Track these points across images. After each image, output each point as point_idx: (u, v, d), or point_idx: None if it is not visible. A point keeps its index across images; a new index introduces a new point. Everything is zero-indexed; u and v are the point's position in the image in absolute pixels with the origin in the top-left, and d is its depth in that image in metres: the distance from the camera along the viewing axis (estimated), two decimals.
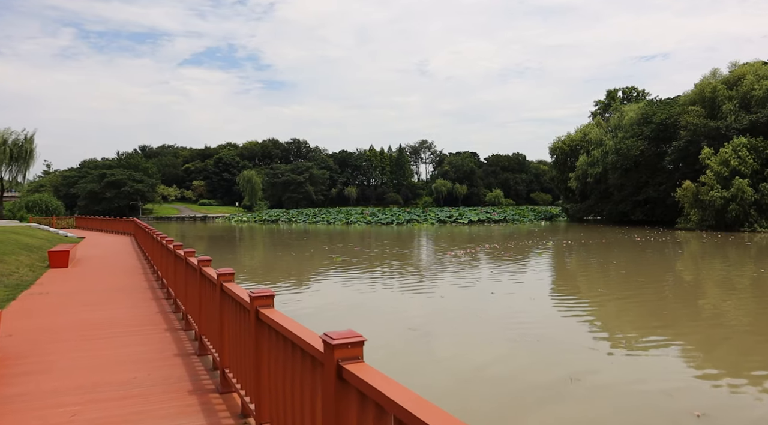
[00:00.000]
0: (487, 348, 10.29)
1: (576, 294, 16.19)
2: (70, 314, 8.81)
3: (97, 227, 40.35)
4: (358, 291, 16.89)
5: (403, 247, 32.81)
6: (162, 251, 11.74)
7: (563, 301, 15.11)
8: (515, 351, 9.97)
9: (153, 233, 14.87)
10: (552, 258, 26.19)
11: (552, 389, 7.91)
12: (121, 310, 9.10)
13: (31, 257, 17.18)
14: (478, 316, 13.10)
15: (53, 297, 10.53)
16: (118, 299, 10.21)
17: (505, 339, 10.90)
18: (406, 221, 68.36)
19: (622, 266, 22.88)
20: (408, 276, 19.83)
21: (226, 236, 49.95)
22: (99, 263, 17.42)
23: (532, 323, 12.14)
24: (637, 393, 7.80)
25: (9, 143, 43.92)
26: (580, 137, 74.19)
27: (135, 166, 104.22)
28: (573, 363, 9.22)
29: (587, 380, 8.34)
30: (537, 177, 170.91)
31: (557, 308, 14.09)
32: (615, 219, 63.81)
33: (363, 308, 14.47)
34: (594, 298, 15.59)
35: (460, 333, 11.37)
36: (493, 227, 58.02)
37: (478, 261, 24.46)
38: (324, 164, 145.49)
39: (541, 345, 10.28)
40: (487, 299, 15.22)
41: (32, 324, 8.12)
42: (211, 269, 5.62)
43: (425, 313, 13.64)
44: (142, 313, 8.84)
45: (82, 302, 9.90)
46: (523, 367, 9.06)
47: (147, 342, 6.90)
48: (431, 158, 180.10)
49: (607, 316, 13.30)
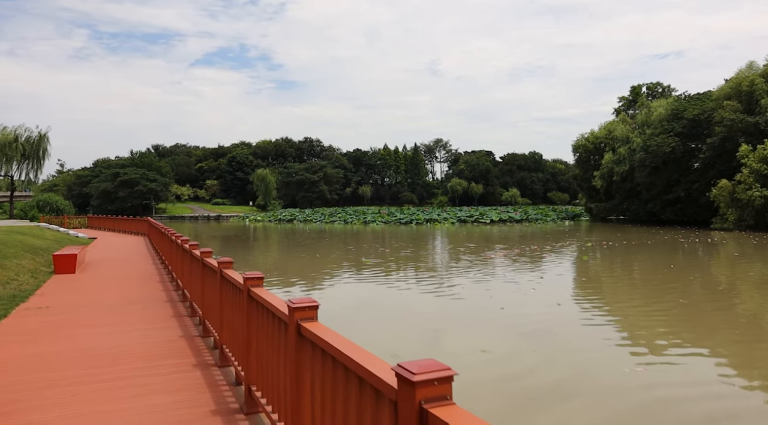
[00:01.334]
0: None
1: (659, 304, 14.22)
2: (72, 339, 7.02)
3: (110, 226, 38.84)
4: (410, 302, 15.02)
5: (434, 248, 30.95)
6: (181, 255, 10.00)
7: (653, 313, 13.16)
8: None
9: (170, 234, 13.15)
10: (605, 262, 24.11)
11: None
12: (135, 334, 7.30)
13: (35, 260, 15.49)
14: (562, 337, 11.20)
15: (53, 314, 8.76)
16: (132, 317, 8.43)
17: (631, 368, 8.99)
18: (426, 221, 66.42)
19: (685, 270, 20.85)
20: (459, 281, 17.92)
21: (242, 236, 48.31)
22: (110, 267, 15.70)
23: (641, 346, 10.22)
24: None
25: (21, 140, 42.33)
26: (604, 134, 71.85)
27: (148, 165, 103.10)
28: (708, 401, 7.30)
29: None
30: (554, 176, 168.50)
31: (655, 327, 12.15)
32: (642, 219, 61.47)
33: (427, 323, 12.61)
34: (688, 310, 13.62)
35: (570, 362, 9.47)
36: (516, 227, 55.94)
37: (525, 265, 22.52)
38: (338, 162, 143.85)
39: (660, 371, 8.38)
40: (565, 315, 13.31)
41: (22, 354, 6.34)
42: (267, 293, 3.86)
43: (508, 333, 11.76)
44: (163, 338, 7.03)
45: (87, 322, 8.10)
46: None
47: (172, 388, 5.08)
48: (446, 156, 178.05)
49: (710, 332, 11.35)
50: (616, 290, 16.91)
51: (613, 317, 12.72)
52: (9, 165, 43.34)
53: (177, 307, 9.28)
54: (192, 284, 7.50)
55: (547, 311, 13.30)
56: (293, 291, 16.40)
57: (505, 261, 23.48)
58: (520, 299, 14.85)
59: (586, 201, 75.15)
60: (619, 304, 14.50)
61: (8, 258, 14.33)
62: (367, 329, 11.41)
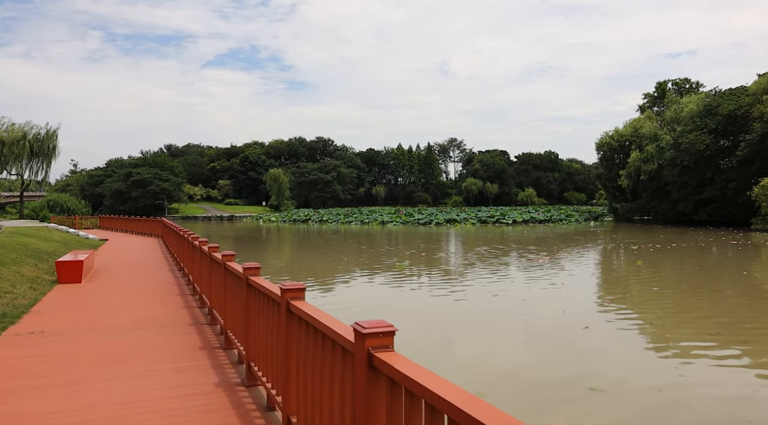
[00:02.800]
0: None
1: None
2: (68, 389, 5.06)
3: (122, 227, 37.12)
4: (471, 314, 13.01)
5: (468, 250, 28.90)
6: (208, 265, 8.06)
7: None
8: None
9: (189, 237, 11.27)
10: (667, 268, 21.91)
11: None
12: (154, 379, 5.30)
13: (37, 267, 13.63)
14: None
15: (47, 342, 6.80)
16: (149, 349, 6.46)
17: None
18: (445, 221, 64.34)
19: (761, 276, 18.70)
20: (529, 295, 15.88)
21: (258, 237, 46.52)
22: (122, 275, 13.79)
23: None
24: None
25: (29, 137, 40.64)
26: (630, 131, 69.44)
27: (161, 165, 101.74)
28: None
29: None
30: (570, 176, 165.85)
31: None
32: (671, 219, 59.04)
33: (510, 336, 10.61)
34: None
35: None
36: (541, 228, 53.68)
37: (581, 272, 20.43)
38: (351, 162, 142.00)
39: None
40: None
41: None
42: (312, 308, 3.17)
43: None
44: (193, 388, 5.05)
45: (89, 358, 6.11)
46: None
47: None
48: (460, 156, 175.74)
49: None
50: (714, 302, 14.77)
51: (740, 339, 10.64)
52: (18, 164, 41.69)
53: (205, 333, 7.31)
54: (248, 332, 5.59)
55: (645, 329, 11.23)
56: (334, 301, 14.41)
57: (554, 267, 21.38)
58: (605, 318, 12.79)
59: (611, 201, 72.78)
60: (726, 320, 12.39)
61: (6, 265, 12.48)
62: (455, 362, 9.41)
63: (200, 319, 8.24)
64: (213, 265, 7.50)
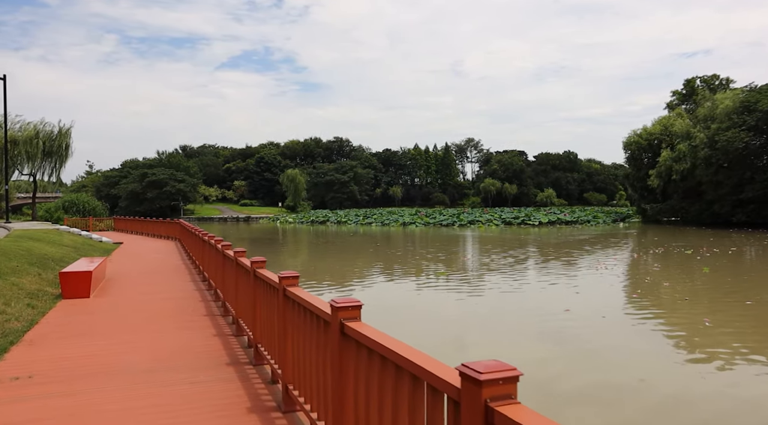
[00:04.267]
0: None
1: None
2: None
3: (138, 229, 35.53)
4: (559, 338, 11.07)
5: (514, 255, 26.83)
6: (243, 282, 6.26)
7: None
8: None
9: (215, 242, 9.49)
10: (743, 275, 19.71)
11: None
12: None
13: (41, 278, 11.86)
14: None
15: (33, 398, 4.85)
16: (177, 411, 4.58)
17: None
18: (469, 223, 62.23)
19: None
20: (594, 296, 13.89)
21: (278, 239, 44.79)
22: (137, 287, 11.96)
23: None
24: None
25: (41, 135, 39.17)
26: (659, 129, 66.87)
27: (176, 165, 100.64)
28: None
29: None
30: (589, 176, 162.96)
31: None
32: (705, 221, 56.50)
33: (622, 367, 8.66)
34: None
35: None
36: (571, 230, 51.39)
37: (652, 282, 18.34)
38: (367, 162, 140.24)
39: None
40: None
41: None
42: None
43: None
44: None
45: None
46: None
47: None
48: (477, 156, 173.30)
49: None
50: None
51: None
52: (32, 163, 40.23)
53: (249, 380, 5.41)
54: (287, 346, 3.90)
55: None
56: (392, 318, 12.53)
57: (619, 273, 19.31)
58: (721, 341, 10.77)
59: (639, 202, 70.18)
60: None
61: (4, 276, 10.71)
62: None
63: (239, 355, 6.34)
64: (259, 286, 5.64)
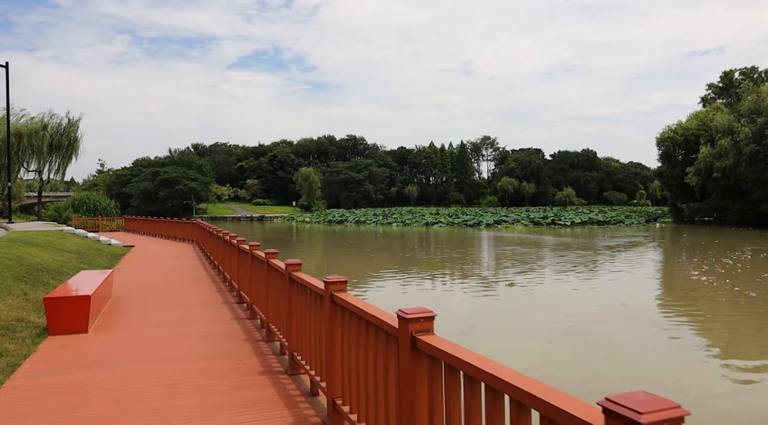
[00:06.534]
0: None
1: None
2: None
3: (151, 230, 32.72)
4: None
5: (583, 260, 23.77)
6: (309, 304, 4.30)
7: None
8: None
9: (253, 252, 6.83)
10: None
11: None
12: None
13: (26, 299, 8.95)
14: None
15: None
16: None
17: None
18: (495, 223, 59.08)
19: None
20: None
21: (300, 240, 41.93)
22: (154, 313, 8.93)
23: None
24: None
25: (49, 128, 36.34)
26: (696, 124, 63.43)
27: (188, 164, 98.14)
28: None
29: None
30: (608, 175, 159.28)
31: None
32: (748, 221, 53.21)
33: None
34: None
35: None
36: (610, 231, 48.05)
37: (752, 297, 15.23)
38: (382, 161, 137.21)
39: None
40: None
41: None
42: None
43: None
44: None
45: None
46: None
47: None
48: (493, 155, 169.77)
49: None
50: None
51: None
52: (38, 158, 37.42)
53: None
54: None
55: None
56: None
57: (733, 291, 16.21)
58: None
59: (673, 200, 66.73)
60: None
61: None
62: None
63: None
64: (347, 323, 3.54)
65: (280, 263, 5.88)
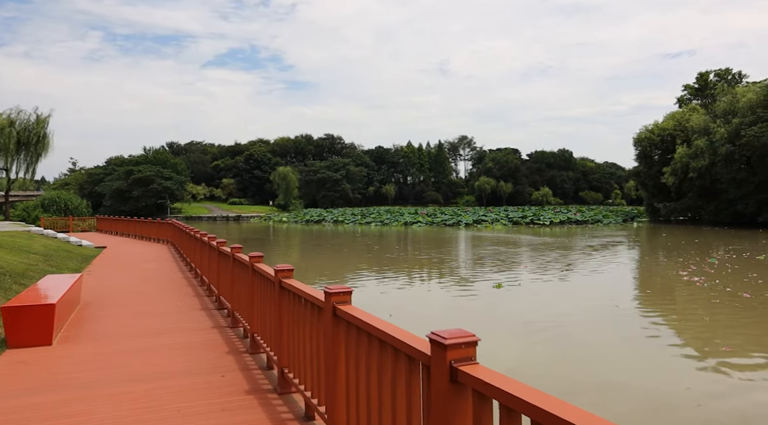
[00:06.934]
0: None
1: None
2: None
3: (124, 230, 31.68)
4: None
5: (563, 259, 23.47)
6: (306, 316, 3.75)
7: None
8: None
9: (234, 255, 6.34)
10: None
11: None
12: None
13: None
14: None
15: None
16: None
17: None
18: (474, 222, 58.89)
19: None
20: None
21: (277, 240, 41.14)
22: (127, 321, 8.21)
23: None
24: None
25: (16, 125, 34.84)
26: (672, 125, 64.05)
27: (163, 162, 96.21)
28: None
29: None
30: (584, 174, 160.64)
31: None
32: (724, 220, 53.77)
33: None
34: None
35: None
36: (589, 230, 48.14)
37: (748, 298, 14.99)
38: (360, 160, 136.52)
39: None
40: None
41: None
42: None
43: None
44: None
45: None
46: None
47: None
48: (471, 154, 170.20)
49: None
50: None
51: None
52: (5, 156, 35.92)
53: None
54: None
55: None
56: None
57: (725, 290, 15.97)
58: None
59: (650, 200, 67.31)
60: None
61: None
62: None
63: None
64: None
65: (267, 269, 5.32)
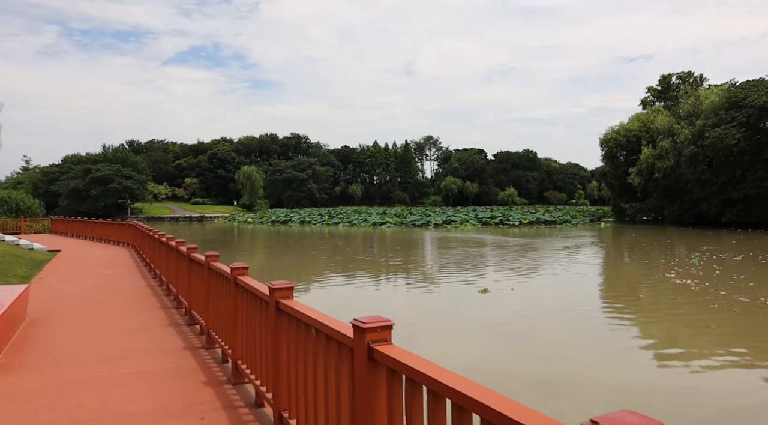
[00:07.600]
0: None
1: None
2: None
3: (81, 232, 29.94)
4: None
5: (543, 262, 22.87)
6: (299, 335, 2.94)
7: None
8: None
9: (209, 264, 5.30)
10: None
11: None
12: None
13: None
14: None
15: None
16: None
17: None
18: (444, 223, 58.41)
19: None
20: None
21: (242, 242, 39.75)
22: (82, 342, 7.11)
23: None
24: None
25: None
26: (638, 126, 64.74)
27: (123, 161, 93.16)
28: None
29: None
30: (549, 175, 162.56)
31: None
32: (688, 220, 54.50)
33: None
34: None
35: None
36: (558, 230, 48.07)
37: (741, 301, 14.55)
38: (326, 160, 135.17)
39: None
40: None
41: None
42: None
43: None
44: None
45: None
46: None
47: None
48: (437, 154, 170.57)
49: None
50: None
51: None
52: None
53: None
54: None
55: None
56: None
57: (718, 295, 15.51)
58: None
59: (616, 200, 68.00)
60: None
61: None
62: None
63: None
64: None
65: (258, 285, 4.41)
